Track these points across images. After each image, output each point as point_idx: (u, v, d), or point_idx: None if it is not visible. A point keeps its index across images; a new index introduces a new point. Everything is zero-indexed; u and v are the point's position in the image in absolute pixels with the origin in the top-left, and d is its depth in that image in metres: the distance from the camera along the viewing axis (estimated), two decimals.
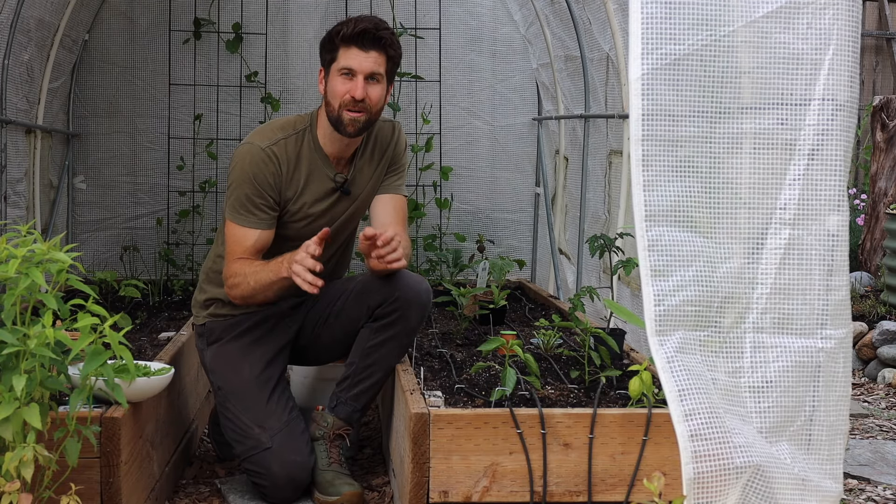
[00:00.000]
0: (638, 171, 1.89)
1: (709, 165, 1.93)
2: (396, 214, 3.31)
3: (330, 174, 3.22)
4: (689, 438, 1.86)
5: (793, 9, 1.94)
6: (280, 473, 3.06)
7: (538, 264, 5.44)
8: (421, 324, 3.21)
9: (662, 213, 1.90)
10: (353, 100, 3.08)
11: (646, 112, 1.88)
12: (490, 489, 2.68)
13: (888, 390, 4.74)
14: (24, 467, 2.14)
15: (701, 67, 1.90)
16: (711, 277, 1.93)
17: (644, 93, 1.88)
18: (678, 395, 1.86)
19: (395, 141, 3.34)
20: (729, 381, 1.94)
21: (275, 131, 3.20)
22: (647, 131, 1.89)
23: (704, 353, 1.93)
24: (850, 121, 1.96)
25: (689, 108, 1.91)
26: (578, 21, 4.41)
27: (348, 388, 3.17)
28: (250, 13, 5.24)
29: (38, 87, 4.47)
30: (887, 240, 5.64)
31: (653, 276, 1.90)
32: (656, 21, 1.87)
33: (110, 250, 5.20)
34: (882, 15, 8.05)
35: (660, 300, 1.90)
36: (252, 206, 3.12)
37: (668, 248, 1.90)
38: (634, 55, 1.87)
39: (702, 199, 1.93)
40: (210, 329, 3.30)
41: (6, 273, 2.22)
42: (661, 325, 1.90)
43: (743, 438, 1.89)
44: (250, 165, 3.12)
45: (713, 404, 1.88)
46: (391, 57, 3.15)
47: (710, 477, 1.86)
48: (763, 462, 1.89)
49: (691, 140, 1.92)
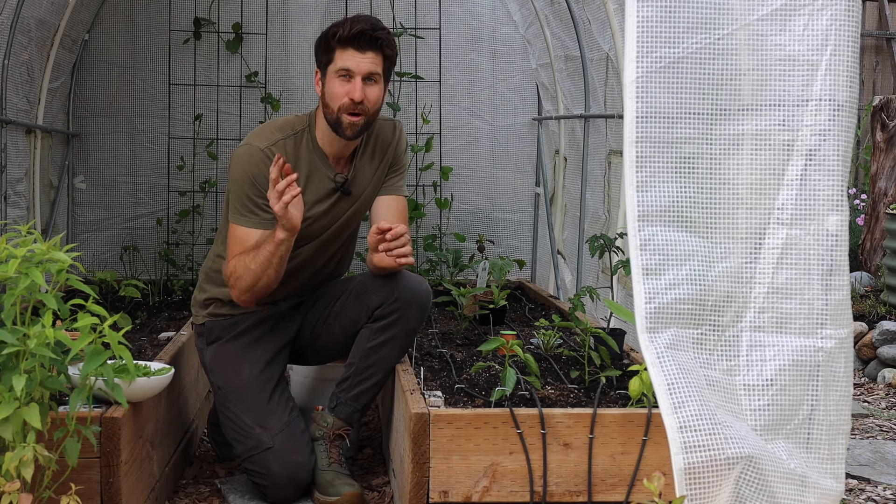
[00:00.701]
0: (631, 172, 1.92)
1: (706, 166, 1.95)
2: (398, 215, 3.30)
3: (330, 174, 3.21)
4: (678, 430, 1.86)
5: (789, 11, 1.94)
6: (281, 473, 3.06)
7: (538, 264, 5.44)
8: (421, 324, 3.21)
9: (656, 214, 1.92)
10: (352, 102, 3.06)
11: (640, 114, 1.91)
12: (490, 489, 2.68)
13: (888, 390, 4.74)
14: (24, 467, 2.14)
15: (698, 69, 1.92)
16: (706, 276, 1.95)
17: (638, 95, 1.90)
18: (667, 387, 1.88)
19: (396, 140, 3.32)
20: (723, 378, 1.95)
21: (273, 132, 3.19)
22: (640, 133, 1.91)
23: (698, 350, 1.95)
24: (849, 121, 1.96)
25: (686, 109, 1.93)
26: (578, 21, 4.41)
27: (348, 388, 3.18)
28: (250, 13, 5.24)
29: (38, 87, 4.47)
30: (887, 240, 5.64)
31: (644, 274, 1.93)
32: (651, 25, 1.90)
33: (110, 250, 5.20)
34: (882, 15, 8.05)
35: (651, 298, 1.93)
36: (254, 206, 3.11)
37: (661, 248, 1.93)
38: (629, 59, 1.90)
39: (698, 199, 1.95)
40: (210, 329, 3.30)
41: (6, 273, 2.22)
42: (651, 323, 1.92)
43: (734, 431, 1.89)
44: (249, 166, 3.11)
45: (704, 397, 1.89)
46: (388, 57, 3.13)
47: (702, 468, 1.86)
48: (756, 454, 1.89)
49: (688, 141, 1.94)
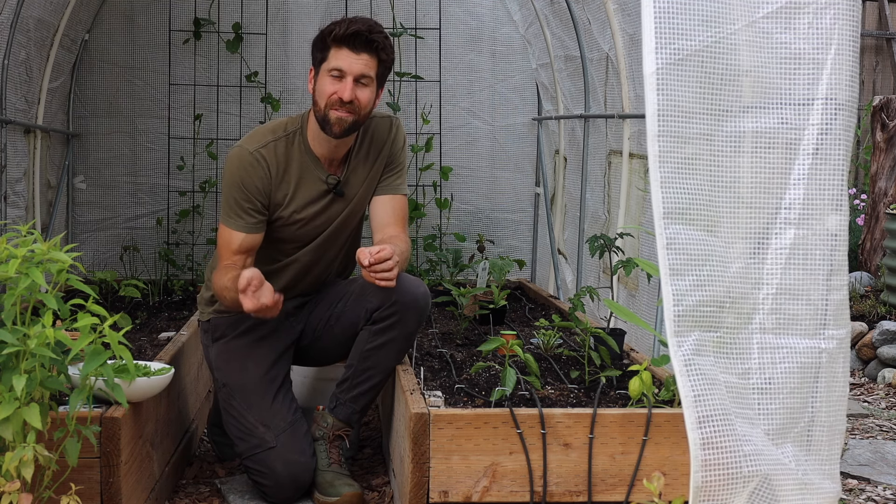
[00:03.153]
0: (655, 168, 1.84)
1: (718, 164, 1.90)
2: (396, 215, 3.27)
3: (322, 176, 3.19)
4: (700, 446, 1.82)
5: (794, 8, 1.93)
6: (283, 473, 3.06)
7: (538, 264, 5.44)
8: (419, 328, 3.20)
9: (678, 212, 1.86)
10: (339, 101, 3.04)
11: (661, 108, 1.83)
12: (490, 489, 2.68)
13: (888, 390, 4.74)
14: (25, 467, 2.14)
15: (712, 64, 1.87)
16: (723, 277, 1.90)
17: (659, 88, 1.83)
18: (694, 399, 1.82)
19: (392, 138, 3.28)
20: (739, 382, 1.91)
21: (265, 134, 3.18)
22: (662, 127, 1.84)
23: (717, 355, 1.90)
24: (850, 120, 1.96)
25: (700, 104, 1.87)
26: (578, 21, 4.41)
27: (347, 389, 3.17)
28: (250, 13, 5.24)
29: (38, 87, 4.47)
30: (887, 240, 5.64)
31: (671, 275, 1.84)
32: (668, 16, 1.83)
33: (110, 250, 5.20)
34: (882, 15, 8.05)
35: (679, 300, 1.85)
36: (240, 209, 3.11)
37: (685, 247, 1.86)
38: (648, 50, 1.83)
39: (712, 197, 1.89)
40: (215, 325, 3.30)
41: (6, 273, 2.22)
42: (678, 326, 1.85)
43: (752, 447, 1.87)
44: (238, 169, 3.11)
45: (726, 410, 1.85)
46: (383, 61, 3.10)
47: (718, 485, 1.83)
48: (770, 471, 1.87)
49: (701, 138, 1.88)
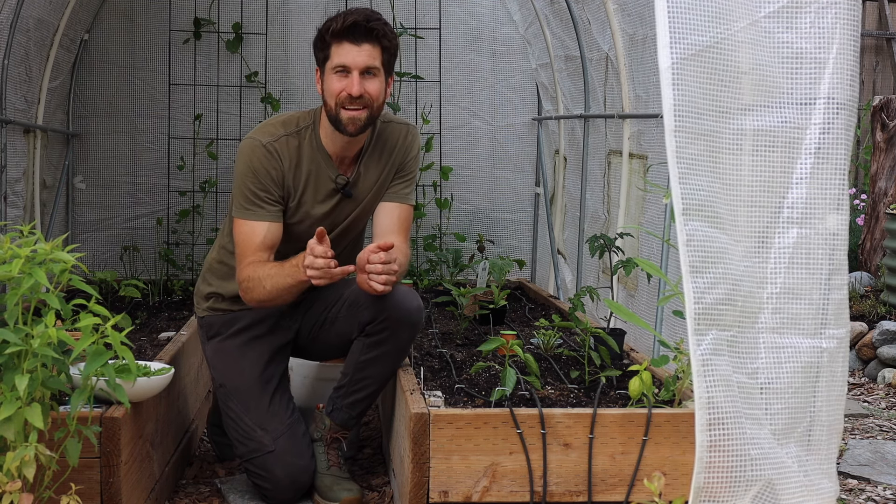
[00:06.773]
0: (673, 164, 1.83)
1: (726, 161, 1.88)
2: (400, 225, 3.21)
3: (332, 175, 3.15)
4: (707, 448, 1.82)
5: (795, 8, 1.93)
6: (282, 476, 3.05)
7: (538, 264, 5.44)
8: (412, 341, 3.15)
9: (695, 208, 1.85)
10: (349, 97, 3.00)
11: (677, 103, 1.82)
12: (490, 489, 2.68)
13: (888, 390, 4.74)
14: (26, 467, 2.14)
15: (719, 61, 1.86)
16: (734, 275, 1.89)
17: (675, 83, 1.81)
18: (707, 402, 1.82)
19: (406, 145, 3.23)
20: (748, 382, 1.91)
21: (277, 127, 3.14)
22: (679, 123, 1.82)
23: (731, 354, 1.89)
24: (850, 120, 1.96)
25: (710, 101, 1.86)
26: (578, 21, 4.41)
27: (344, 395, 3.15)
28: (250, 13, 5.24)
29: (38, 87, 4.46)
30: (887, 240, 5.64)
31: (691, 272, 1.83)
32: (681, 10, 1.82)
33: (110, 250, 5.20)
34: (882, 15, 8.05)
35: (699, 297, 1.84)
36: (258, 199, 3.07)
37: (702, 244, 1.85)
38: (662, 44, 1.81)
39: (721, 195, 1.88)
40: (209, 323, 3.29)
41: (9, 273, 2.22)
42: (698, 324, 1.84)
43: (759, 450, 1.87)
44: (251, 160, 3.07)
45: (738, 411, 1.85)
46: (386, 48, 3.04)
47: (720, 487, 1.83)
48: (774, 475, 1.87)
49: (712, 135, 1.86)
